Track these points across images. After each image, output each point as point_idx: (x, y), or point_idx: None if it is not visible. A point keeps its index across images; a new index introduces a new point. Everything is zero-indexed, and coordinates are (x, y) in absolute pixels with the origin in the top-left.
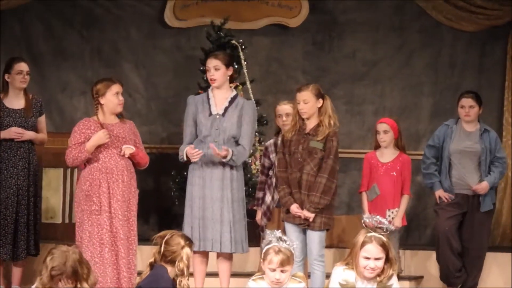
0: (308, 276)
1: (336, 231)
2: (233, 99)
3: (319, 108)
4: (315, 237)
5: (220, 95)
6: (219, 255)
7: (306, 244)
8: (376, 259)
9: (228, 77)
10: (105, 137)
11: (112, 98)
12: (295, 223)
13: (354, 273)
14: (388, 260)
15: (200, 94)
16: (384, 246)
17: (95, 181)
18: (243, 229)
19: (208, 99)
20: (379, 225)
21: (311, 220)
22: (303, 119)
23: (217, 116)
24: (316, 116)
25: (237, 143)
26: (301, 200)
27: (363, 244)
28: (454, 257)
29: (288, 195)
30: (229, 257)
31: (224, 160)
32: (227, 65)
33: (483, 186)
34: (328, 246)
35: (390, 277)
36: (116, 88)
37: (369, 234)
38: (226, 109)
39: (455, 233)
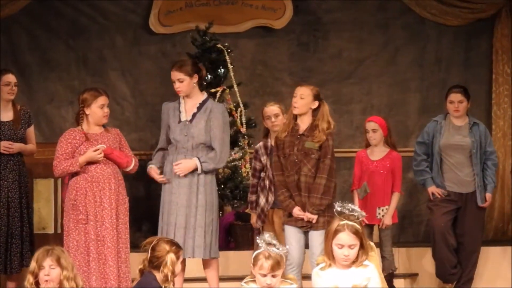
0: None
1: None
2: (202, 104)
3: (314, 111)
4: (317, 237)
5: (191, 102)
6: (205, 262)
7: (304, 247)
8: (350, 246)
9: (195, 84)
10: (98, 157)
11: (97, 110)
12: (298, 226)
13: (330, 269)
14: (362, 247)
15: (173, 101)
16: (357, 233)
17: (81, 190)
18: (209, 234)
19: (179, 105)
20: (351, 213)
21: (314, 221)
22: (295, 120)
23: (186, 123)
24: (309, 116)
25: (209, 148)
26: (302, 202)
27: (336, 232)
28: (450, 253)
29: (288, 198)
30: (212, 263)
31: (198, 172)
32: (191, 75)
33: (488, 200)
34: None
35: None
36: (102, 100)
37: (341, 222)
38: (194, 115)
39: (450, 229)
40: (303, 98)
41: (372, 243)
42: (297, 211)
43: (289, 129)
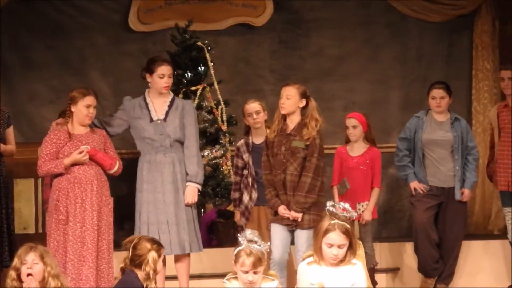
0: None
1: None
2: (172, 102)
3: (302, 109)
4: (303, 235)
5: (159, 100)
6: (177, 258)
7: (289, 245)
8: (339, 246)
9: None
10: (83, 159)
11: (82, 109)
12: (284, 224)
13: (317, 265)
14: (351, 246)
15: (137, 98)
16: (347, 233)
17: (64, 191)
18: (197, 228)
19: (146, 104)
20: (342, 212)
21: (299, 220)
22: (284, 120)
23: (159, 122)
24: (297, 115)
25: (182, 145)
26: (287, 201)
27: (326, 231)
28: (433, 248)
29: (274, 197)
30: (187, 257)
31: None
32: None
33: (467, 194)
34: None
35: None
36: (89, 100)
37: (332, 222)
38: (167, 113)
39: (433, 224)
40: (289, 98)
41: (360, 242)
42: (282, 210)
43: (278, 129)
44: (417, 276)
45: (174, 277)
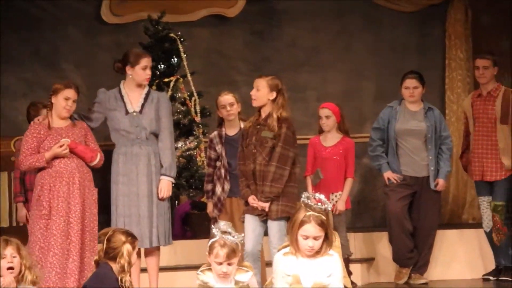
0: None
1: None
2: (147, 95)
3: (273, 101)
4: (274, 226)
5: (135, 92)
6: (147, 251)
7: (262, 236)
8: (315, 238)
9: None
10: (63, 152)
11: (61, 101)
12: (255, 214)
13: (293, 256)
14: (327, 238)
15: (112, 90)
16: (322, 225)
17: (45, 185)
18: (167, 222)
19: (122, 96)
20: (317, 204)
21: (267, 209)
22: (259, 110)
23: (134, 114)
24: (269, 107)
25: (157, 137)
26: (257, 191)
27: (302, 223)
28: (407, 238)
29: (245, 187)
30: (156, 251)
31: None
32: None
33: (441, 184)
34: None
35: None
36: (68, 92)
37: (307, 213)
38: (142, 105)
39: (407, 214)
40: (259, 90)
41: (336, 232)
42: (251, 200)
43: (254, 119)
44: (392, 266)
45: (145, 270)
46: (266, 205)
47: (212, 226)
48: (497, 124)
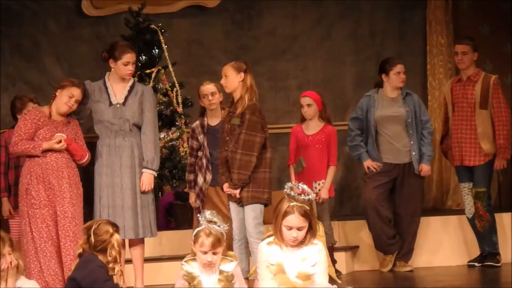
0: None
1: (270, 207)
2: (132, 87)
3: (243, 83)
4: (248, 213)
5: (119, 84)
6: (132, 242)
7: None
8: (298, 228)
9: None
10: (62, 148)
11: (64, 96)
12: (232, 201)
13: (277, 246)
14: (311, 227)
15: (96, 82)
16: (306, 215)
17: (34, 175)
18: (151, 213)
19: (106, 87)
20: (301, 194)
21: (237, 196)
22: (233, 98)
23: (118, 106)
24: (239, 91)
25: (140, 129)
26: (229, 178)
27: (285, 214)
28: (385, 225)
29: (221, 175)
30: (142, 242)
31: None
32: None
33: (425, 170)
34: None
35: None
36: (74, 90)
37: (291, 204)
38: (126, 98)
39: (384, 201)
40: (227, 76)
41: (320, 222)
42: (225, 187)
43: (229, 107)
44: (376, 254)
45: (129, 261)
46: (236, 192)
47: (198, 215)
48: (476, 109)
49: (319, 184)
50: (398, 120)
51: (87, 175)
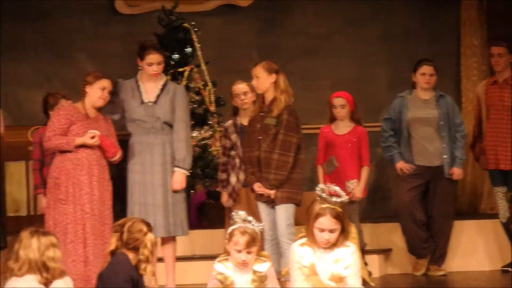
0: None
1: (302, 208)
2: (164, 86)
3: (274, 84)
4: (279, 213)
5: (152, 83)
6: (163, 240)
7: None
8: (330, 231)
9: None
10: (95, 144)
11: (97, 91)
12: (263, 201)
13: (309, 247)
14: (343, 230)
15: (129, 80)
16: (338, 217)
17: (64, 170)
18: (183, 212)
19: (138, 86)
20: (333, 195)
21: (272, 197)
22: (263, 97)
23: (150, 104)
24: (272, 92)
25: (172, 128)
26: (262, 178)
27: (317, 216)
28: (419, 228)
29: (251, 174)
30: (173, 241)
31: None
32: (164, 57)
33: (457, 173)
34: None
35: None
36: (104, 82)
37: (323, 206)
38: (158, 96)
39: (418, 204)
40: (258, 77)
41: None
42: (256, 187)
43: (258, 106)
44: (409, 257)
45: (161, 260)
46: (271, 193)
47: (232, 213)
48: None
49: (351, 183)
50: (430, 122)
51: (120, 172)
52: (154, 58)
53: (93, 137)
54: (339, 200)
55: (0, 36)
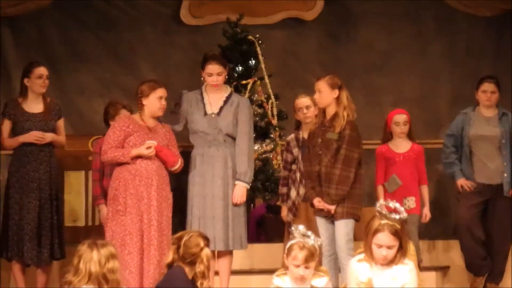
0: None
1: (360, 223)
2: (228, 98)
3: (336, 99)
4: (340, 228)
5: (215, 94)
6: (220, 253)
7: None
8: (388, 247)
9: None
10: (150, 155)
11: (155, 101)
12: (321, 216)
13: (367, 263)
14: (401, 247)
15: (193, 92)
16: (396, 234)
17: (123, 181)
18: (242, 226)
19: (202, 97)
20: (392, 212)
21: (332, 212)
22: (324, 111)
23: (213, 116)
24: (333, 107)
25: (234, 140)
26: (322, 193)
27: (376, 232)
28: (478, 246)
29: (311, 189)
30: (230, 254)
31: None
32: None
33: None
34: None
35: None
36: (160, 92)
37: (382, 222)
38: (221, 108)
39: (478, 221)
40: (320, 91)
41: (410, 241)
42: (316, 202)
43: (319, 121)
44: (468, 275)
45: (217, 273)
46: (332, 207)
47: (291, 228)
48: None
49: (408, 200)
50: (492, 140)
51: (180, 184)
52: (213, 69)
53: (148, 148)
54: (398, 217)
55: (64, 46)
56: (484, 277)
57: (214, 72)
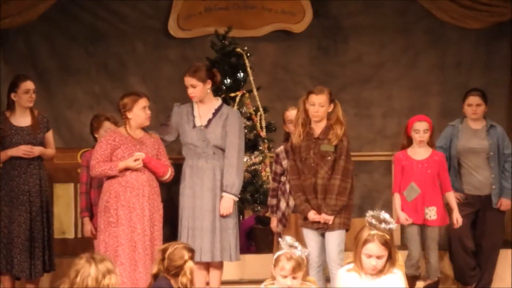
0: (327, 280)
1: (350, 234)
2: (217, 110)
3: (329, 112)
4: (334, 239)
5: (205, 107)
6: (210, 265)
7: (324, 248)
8: (378, 257)
9: (209, 90)
10: (137, 167)
11: (139, 113)
12: (314, 228)
13: (356, 273)
14: (390, 257)
15: (185, 104)
16: (386, 244)
17: (114, 193)
18: (232, 237)
19: (193, 110)
20: (382, 222)
21: (330, 223)
22: (309, 124)
23: (201, 128)
24: (324, 120)
25: (224, 152)
26: (318, 205)
27: (365, 242)
28: (468, 256)
29: (304, 202)
30: (219, 266)
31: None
32: (204, 81)
33: (505, 204)
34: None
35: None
36: (143, 102)
37: (371, 232)
38: (209, 120)
39: (468, 232)
40: (323, 106)
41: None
42: (312, 215)
43: (304, 133)
44: (456, 284)
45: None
46: (330, 218)
47: (279, 239)
48: None
49: (430, 210)
50: (480, 152)
51: (171, 195)
52: (186, 81)
53: (136, 160)
54: (388, 227)
55: (53, 59)
56: (472, 286)
57: (188, 85)
